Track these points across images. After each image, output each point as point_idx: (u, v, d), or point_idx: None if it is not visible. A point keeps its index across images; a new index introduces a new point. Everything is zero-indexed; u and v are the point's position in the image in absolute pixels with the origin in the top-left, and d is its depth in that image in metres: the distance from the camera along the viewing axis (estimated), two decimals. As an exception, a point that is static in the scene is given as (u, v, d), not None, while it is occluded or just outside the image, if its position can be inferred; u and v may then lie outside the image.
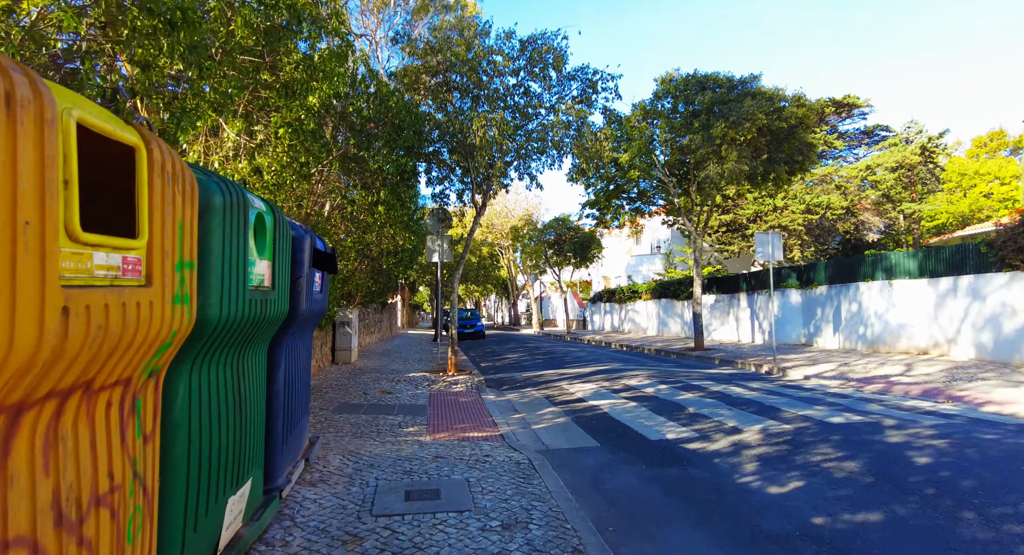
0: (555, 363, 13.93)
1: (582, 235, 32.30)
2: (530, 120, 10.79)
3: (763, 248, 12.71)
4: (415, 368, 12.11)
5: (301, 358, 4.09)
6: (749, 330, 18.71)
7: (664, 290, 24.87)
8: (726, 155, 13.61)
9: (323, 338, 11.08)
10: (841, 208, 27.80)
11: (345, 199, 11.82)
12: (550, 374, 11.60)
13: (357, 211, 12.03)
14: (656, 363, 13.68)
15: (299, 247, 3.49)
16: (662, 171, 16.15)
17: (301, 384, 4.08)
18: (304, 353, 4.22)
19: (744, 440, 5.50)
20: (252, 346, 2.84)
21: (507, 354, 17.61)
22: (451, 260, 13.20)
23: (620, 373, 11.26)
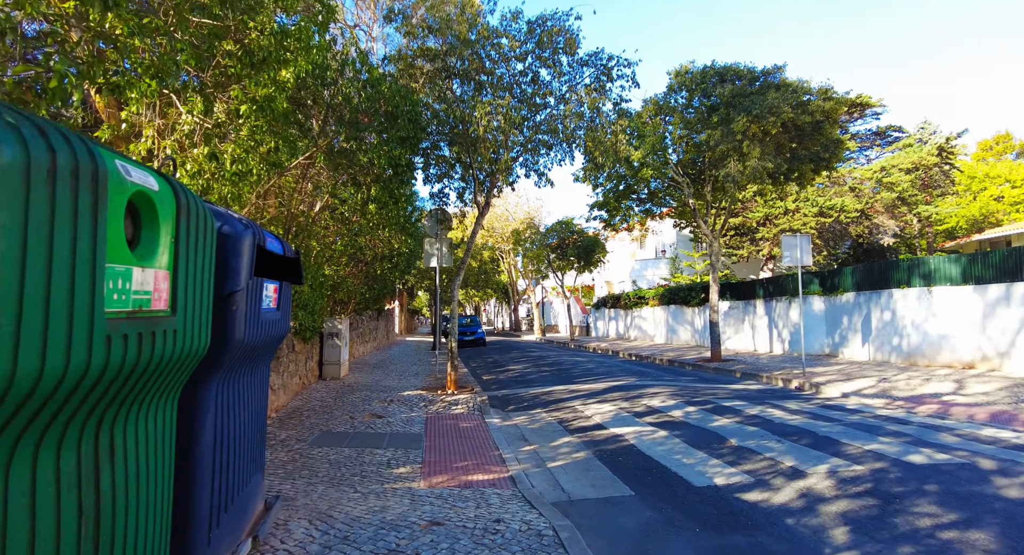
0: (564, 377, 12.86)
1: (586, 239, 31.29)
2: (539, 111, 9.76)
3: (790, 251, 11.68)
4: (411, 384, 11.04)
5: (249, 401, 3.03)
6: (767, 339, 17.65)
7: (673, 296, 23.82)
8: (748, 151, 12.59)
9: (308, 352, 10.02)
10: (855, 211, 26.80)
11: (335, 198, 10.80)
12: (560, 391, 10.53)
13: (348, 211, 11.00)
14: (672, 377, 12.61)
15: (232, 248, 2.43)
16: (675, 170, 15.13)
17: (249, 435, 3.03)
18: (254, 393, 3.16)
19: (814, 489, 4.44)
20: (138, 406, 1.78)
21: (510, 365, 16.54)
22: (451, 265, 12.18)
23: (638, 390, 10.19)
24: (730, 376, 12.82)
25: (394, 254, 13.49)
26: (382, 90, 7.55)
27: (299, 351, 9.18)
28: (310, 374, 10.16)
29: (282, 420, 7.26)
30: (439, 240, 12.18)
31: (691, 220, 18.27)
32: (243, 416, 2.94)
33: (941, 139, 27.77)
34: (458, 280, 9.95)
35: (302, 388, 9.54)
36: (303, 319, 8.92)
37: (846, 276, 14.54)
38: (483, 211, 10.07)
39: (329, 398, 9.00)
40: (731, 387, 10.69)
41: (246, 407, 3.00)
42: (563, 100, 9.83)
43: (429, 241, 12.25)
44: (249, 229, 2.56)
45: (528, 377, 13.10)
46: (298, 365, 9.11)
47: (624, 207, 16.76)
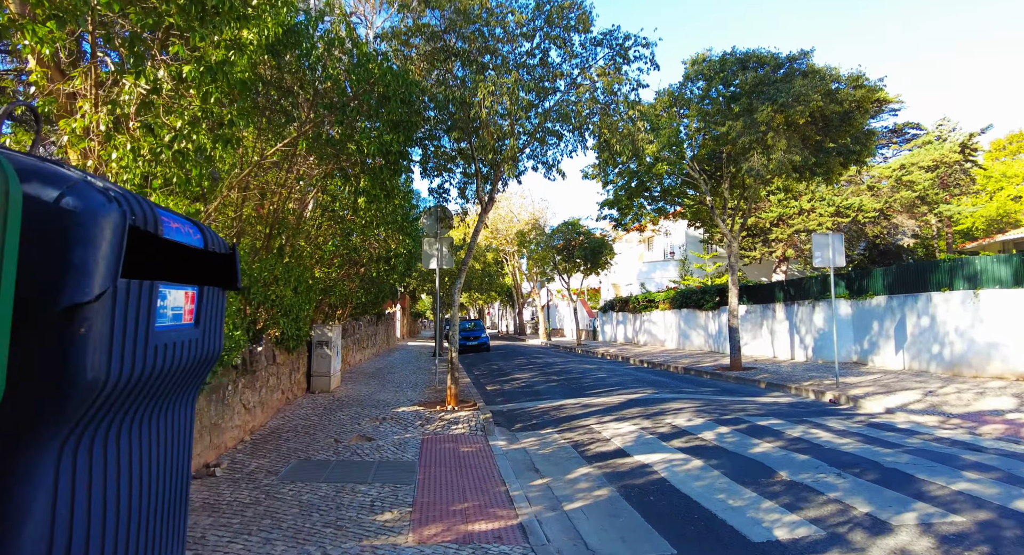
0: (574, 388, 11.89)
1: (592, 240, 30.31)
2: (547, 96, 8.83)
3: (822, 251, 10.70)
4: (408, 397, 10.09)
5: (152, 459, 2.08)
6: (787, 345, 16.63)
7: (685, 299, 22.82)
8: (773, 144, 11.63)
9: (294, 363, 9.09)
10: (874, 210, 25.75)
11: (326, 195, 9.89)
12: (571, 406, 9.56)
13: (340, 208, 10.09)
14: (692, 388, 11.63)
15: (78, 233, 1.50)
16: (691, 166, 14.17)
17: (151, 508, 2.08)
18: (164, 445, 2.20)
19: (911, 551, 3.47)
20: None
21: (516, 373, 15.58)
22: (452, 267, 11.24)
23: (658, 405, 9.22)
24: (753, 386, 11.83)
25: (391, 255, 12.57)
26: (371, 69, 6.63)
27: (282, 363, 8.26)
28: (296, 387, 9.24)
29: (256, 445, 6.33)
30: (439, 240, 11.26)
31: (707, 219, 17.30)
32: (137, 484, 1.99)
33: (963, 135, 26.70)
34: (459, 283, 9.02)
35: (285, 404, 8.61)
36: (286, 327, 7.99)
37: (876, 278, 13.54)
38: (486, 208, 9.14)
39: (315, 416, 8.06)
40: (759, 400, 9.70)
41: (146, 468, 2.06)
42: (574, 85, 8.90)
43: (428, 241, 11.33)
44: (115, 204, 1.62)
45: (536, 388, 12.13)
46: (280, 378, 8.18)
47: (636, 205, 15.81)
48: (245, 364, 6.61)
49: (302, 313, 8.49)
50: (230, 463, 5.51)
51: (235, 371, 6.25)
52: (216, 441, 5.60)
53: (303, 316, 8.62)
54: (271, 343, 7.80)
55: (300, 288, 8.67)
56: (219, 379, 5.70)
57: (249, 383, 6.70)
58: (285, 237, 8.76)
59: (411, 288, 33.38)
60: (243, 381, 6.48)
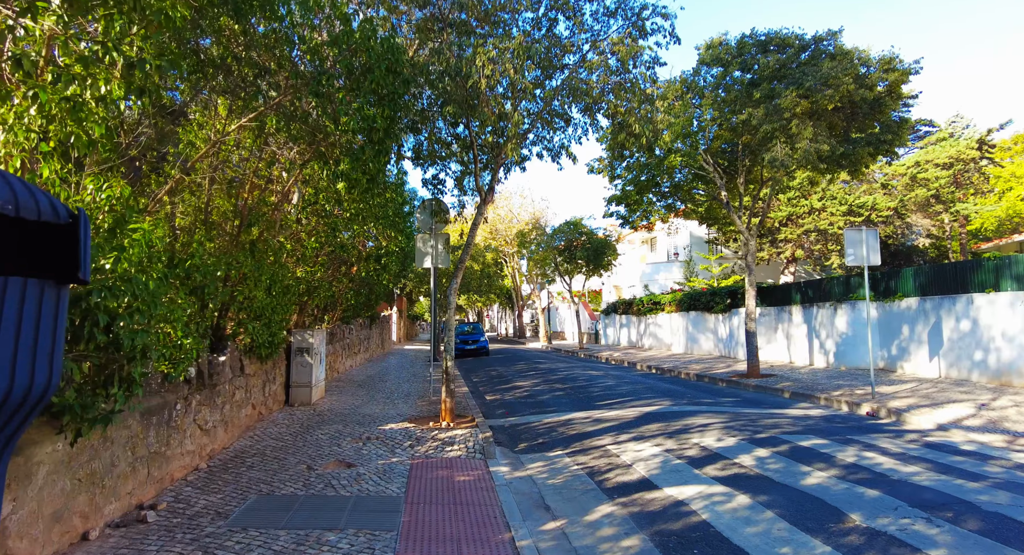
0: (582, 398, 10.88)
1: (595, 240, 29.36)
2: (555, 72, 7.85)
3: (855, 249, 9.72)
4: (399, 411, 9.08)
5: None
6: (805, 350, 15.64)
7: (694, 302, 21.84)
8: (798, 132, 10.65)
9: (269, 373, 8.07)
10: (888, 209, 24.81)
11: (308, 186, 8.91)
12: (581, 420, 8.56)
13: (324, 201, 9.11)
14: (710, 398, 10.63)
15: None
16: (704, 158, 13.20)
17: None
18: None
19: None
20: None
21: (517, 380, 14.57)
22: (448, 266, 10.25)
23: (679, 420, 8.22)
24: (777, 396, 10.84)
25: (383, 253, 11.58)
26: (352, 34, 5.64)
27: (253, 374, 7.25)
28: (271, 400, 8.22)
29: (212, 474, 5.31)
30: (434, 237, 10.28)
31: (720, 217, 16.34)
32: None
33: (981, 132, 25.78)
34: (456, 283, 8.02)
35: (258, 420, 7.60)
36: (256, 333, 6.98)
37: (906, 279, 12.56)
38: (486, 199, 8.15)
39: (289, 435, 7.04)
40: (789, 413, 8.71)
41: None
42: (584, 61, 7.92)
43: (422, 238, 10.34)
44: None
45: (539, 398, 11.12)
46: (250, 392, 7.17)
47: (645, 201, 14.83)
48: (202, 377, 5.61)
49: (277, 316, 7.49)
50: (173, 501, 4.50)
51: (187, 386, 5.24)
52: (158, 473, 4.59)
53: (278, 320, 7.62)
54: (238, 351, 6.79)
55: (275, 289, 7.67)
56: (161, 398, 4.69)
57: (207, 399, 5.69)
58: (259, 231, 7.75)
59: (408, 290, 32.40)
60: (198, 398, 5.48)
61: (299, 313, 11.97)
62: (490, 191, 8.14)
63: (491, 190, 8.15)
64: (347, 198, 8.34)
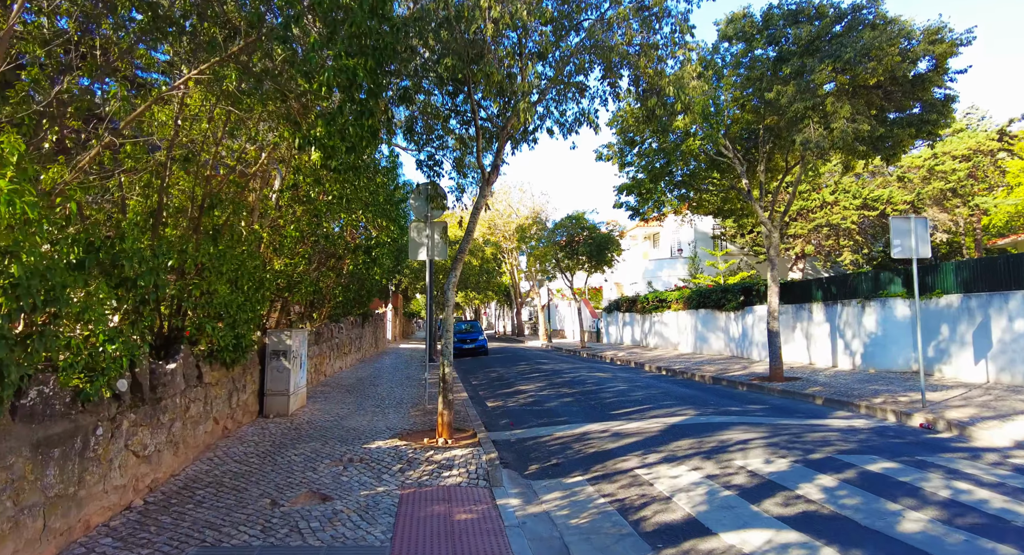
0: (595, 405, 9.81)
1: (598, 236, 28.28)
2: (569, 33, 6.76)
3: (901, 240, 8.67)
4: (389, 423, 7.99)
5: None
6: (827, 351, 14.61)
7: (704, 299, 20.79)
8: (834, 110, 9.58)
9: (237, 381, 6.95)
10: (904, 203, 23.78)
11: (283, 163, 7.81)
12: (598, 434, 7.48)
13: (305, 183, 8.00)
14: (736, 405, 9.58)
15: None
16: (723, 143, 12.12)
17: None
18: None
19: None
20: None
21: (520, 383, 13.49)
22: (445, 258, 9.17)
23: (711, 435, 7.15)
24: (808, 403, 9.80)
25: (373, 245, 10.47)
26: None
27: (214, 382, 6.13)
28: (241, 411, 7.11)
29: (147, 515, 4.21)
30: (429, 225, 9.18)
31: (738, 208, 15.27)
32: None
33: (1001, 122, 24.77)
34: (454, 277, 6.92)
35: (222, 436, 6.49)
36: (217, 334, 5.88)
37: (946, 274, 11.53)
38: (489, 179, 7.05)
39: (256, 456, 5.93)
40: (832, 425, 7.66)
41: None
42: (602, 20, 6.82)
43: (417, 226, 9.25)
44: None
45: (547, 405, 10.04)
46: (211, 404, 6.06)
47: (658, 190, 13.73)
48: (140, 391, 4.50)
49: (244, 315, 6.38)
50: (81, 561, 3.40)
51: (115, 404, 4.14)
52: (61, 524, 3.49)
53: (246, 319, 6.51)
54: (194, 357, 5.68)
55: (244, 282, 6.56)
56: (71, 422, 3.59)
57: (147, 418, 4.58)
58: (225, 216, 6.64)
59: (403, 286, 31.27)
60: (133, 417, 4.37)
61: (280, 311, 10.87)
62: (494, 170, 7.04)
63: (495, 169, 7.04)
64: (328, 177, 7.23)
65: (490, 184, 7.00)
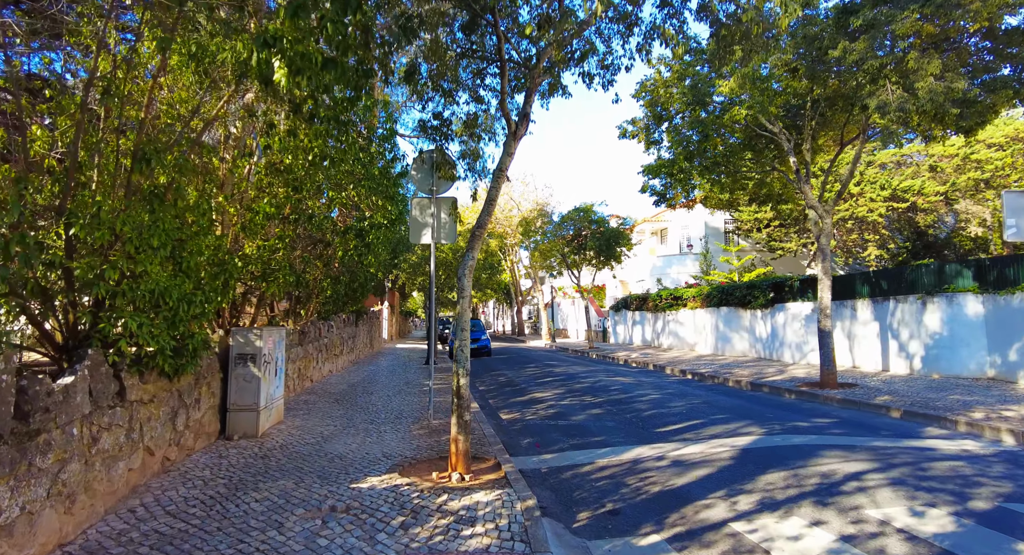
0: (632, 420, 8.18)
1: (607, 230, 26.68)
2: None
3: (1017, 219, 7.08)
4: (386, 446, 6.34)
5: None
6: (876, 353, 13.04)
7: (726, 296, 19.22)
8: (918, 67, 7.98)
9: (181, 397, 5.26)
10: (937, 195, 22.28)
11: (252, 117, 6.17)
12: (652, 460, 5.86)
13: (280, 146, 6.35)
14: (801, 418, 7.98)
15: None
16: (773, 112, 10.52)
17: None
18: None
19: None
20: None
21: (534, 389, 11.86)
22: (454, 241, 7.56)
23: (802, 463, 5.53)
24: (881, 416, 8.22)
25: (366, 227, 8.81)
26: None
27: (147, 400, 4.47)
28: (192, 435, 5.45)
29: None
30: (435, 201, 7.57)
31: (776, 192, 13.69)
32: None
33: (1037, 109, 23.21)
34: (470, 260, 5.29)
35: (160, 472, 4.83)
36: (145, 333, 4.22)
37: (1030, 265, 9.97)
38: (517, 130, 5.41)
39: (200, 504, 4.27)
40: (940, 449, 6.07)
41: None
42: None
43: (419, 203, 7.64)
44: None
45: (573, 418, 8.41)
46: (140, 429, 4.40)
47: (693, 170, 12.11)
48: (-6, 423, 2.85)
49: (192, 308, 4.71)
50: None
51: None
52: None
53: (196, 313, 4.85)
54: (111, 365, 4.02)
55: (191, 263, 4.90)
56: None
57: (5, 463, 2.93)
58: (169, 176, 4.98)
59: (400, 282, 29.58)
60: None
61: (258, 307, 9.22)
62: (523, 120, 5.40)
63: (524, 118, 5.40)
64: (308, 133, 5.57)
65: (518, 138, 5.36)
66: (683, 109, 11.47)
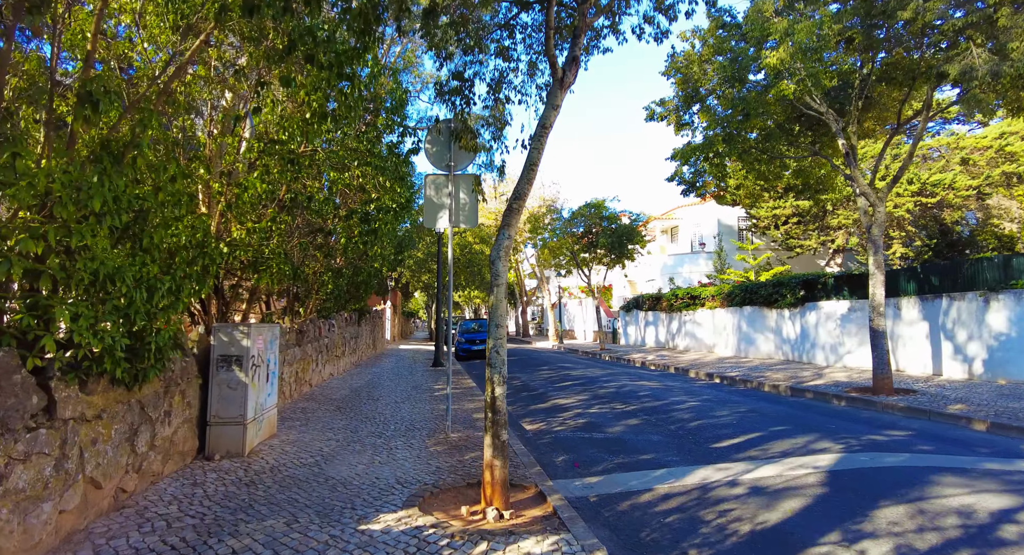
0: (676, 431, 7.11)
1: (619, 226, 25.61)
2: None
3: None
4: (399, 468, 5.27)
5: None
6: (926, 355, 11.96)
7: (750, 295, 18.15)
8: (1013, 24, 6.93)
9: (141, 411, 4.19)
10: (969, 189, 21.21)
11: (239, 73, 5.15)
12: (722, 485, 4.79)
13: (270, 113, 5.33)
14: (872, 430, 6.92)
15: None
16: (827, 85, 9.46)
17: None
18: None
19: None
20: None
21: (555, 395, 10.79)
22: (475, 225, 6.51)
23: (921, 494, 4.45)
24: (960, 428, 7.16)
25: (371, 211, 7.74)
26: None
27: (92, 416, 3.41)
28: (160, 457, 4.38)
29: None
30: (452, 180, 6.54)
31: (814, 181, 12.64)
32: None
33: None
34: (507, 238, 4.24)
35: (111, 509, 3.76)
36: (83, 330, 3.14)
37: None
38: (565, 77, 4.36)
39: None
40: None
41: None
42: None
43: (434, 180, 6.60)
44: None
45: (608, 429, 7.34)
46: (79, 456, 3.33)
47: (725, 155, 11.04)
48: None
49: (155, 298, 3.65)
50: None
51: None
52: None
53: (164, 305, 3.79)
54: (29, 371, 2.96)
55: (154, 242, 3.84)
56: None
57: None
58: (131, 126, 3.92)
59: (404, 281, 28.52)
60: None
61: (250, 303, 8.18)
62: (571, 65, 4.34)
63: (573, 63, 4.35)
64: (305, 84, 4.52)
65: (565, 86, 4.31)
66: (719, 87, 10.43)
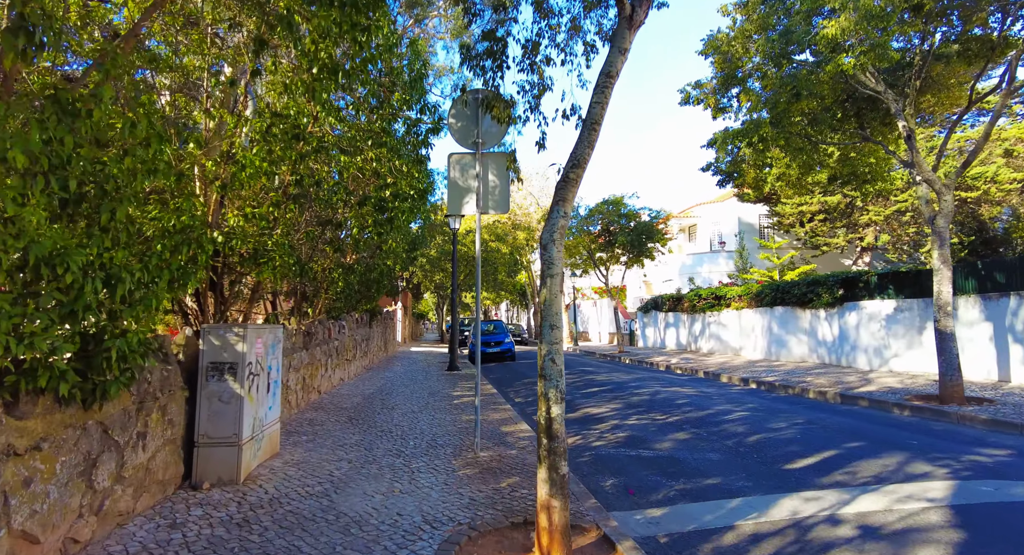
0: (735, 447, 6.20)
1: (638, 224, 24.66)
2: None
3: None
4: (426, 501, 4.40)
5: None
6: (990, 359, 10.96)
7: (781, 294, 17.14)
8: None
9: (102, 437, 3.36)
10: (1013, 182, 20.07)
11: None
12: (822, 522, 3.87)
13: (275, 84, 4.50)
14: (967, 449, 5.98)
15: None
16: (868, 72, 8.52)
17: None
18: None
19: None
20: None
21: (584, 404, 9.89)
22: (506, 211, 5.66)
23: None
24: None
25: (388, 196, 6.89)
26: None
27: (22, 449, 2.58)
28: (131, 490, 3.55)
29: None
30: (480, 158, 5.69)
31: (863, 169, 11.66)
32: None
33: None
34: (560, 214, 3.37)
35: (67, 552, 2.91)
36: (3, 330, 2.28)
37: None
38: (634, 16, 3.49)
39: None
40: None
41: None
42: None
43: (459, 159, 5.76)
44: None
45: (655, 445, 6.44)
46: (5, 500, 2.49)
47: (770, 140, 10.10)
48: None
49: (122, 290, 2.81)
50: None
51: None
52: None
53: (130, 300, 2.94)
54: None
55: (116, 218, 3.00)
56: None
57: None
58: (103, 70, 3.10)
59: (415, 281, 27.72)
60: None
61: (250, 302, 7.36)
62: (642, 1, 3.48)
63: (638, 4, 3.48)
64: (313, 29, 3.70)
65: (635, 26, 3.45)
66: (761, 67, 9.51)
